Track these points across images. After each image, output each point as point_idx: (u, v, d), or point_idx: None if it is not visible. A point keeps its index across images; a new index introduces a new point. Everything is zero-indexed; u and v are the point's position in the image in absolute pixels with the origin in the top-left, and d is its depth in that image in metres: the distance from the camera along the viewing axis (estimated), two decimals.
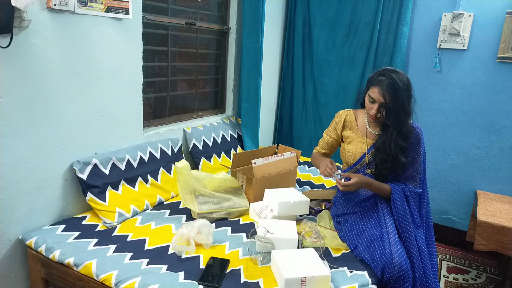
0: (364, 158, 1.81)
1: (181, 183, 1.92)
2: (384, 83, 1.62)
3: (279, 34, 3.39)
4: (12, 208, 1.62)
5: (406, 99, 1.64)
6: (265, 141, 3.44)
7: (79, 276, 1.50)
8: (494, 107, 2.77)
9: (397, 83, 1.61)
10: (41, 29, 1.59)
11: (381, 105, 1.65)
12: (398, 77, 1.62)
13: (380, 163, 1.73)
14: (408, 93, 1.64)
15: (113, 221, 1.79)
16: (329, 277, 1.38)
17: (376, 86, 1.65)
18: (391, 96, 1.62)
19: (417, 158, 1.75)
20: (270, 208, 1.88)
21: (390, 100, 1.62)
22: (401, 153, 1.69)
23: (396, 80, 1.61)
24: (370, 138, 1.82)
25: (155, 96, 2.46)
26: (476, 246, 2.38)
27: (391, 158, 1.69)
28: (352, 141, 1.87)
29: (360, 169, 1.83)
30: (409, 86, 1.65)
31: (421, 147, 1.76)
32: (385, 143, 1.71)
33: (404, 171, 1.74)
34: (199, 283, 1.37)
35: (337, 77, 3.26)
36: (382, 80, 1.64)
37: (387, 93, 1.62)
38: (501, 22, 2.65)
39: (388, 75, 1.64)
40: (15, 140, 1.58)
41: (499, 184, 2.83)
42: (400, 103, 1.63)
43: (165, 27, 2.39)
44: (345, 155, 1.88)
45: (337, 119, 1.94)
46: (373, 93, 1.67)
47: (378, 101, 1.65)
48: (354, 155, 1.84)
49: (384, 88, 1.62)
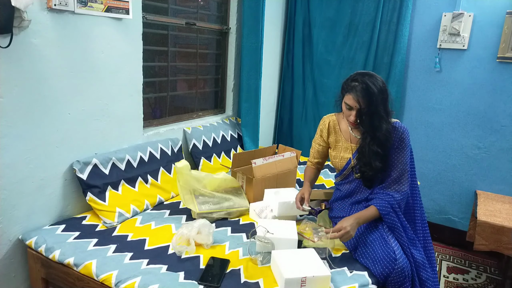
0: (350, 164, 1.79)
1: (181, 183, 1.92)
2: (357, 89, 1.57)
3: (279, 34, 3.39)
4: (12, 208, 1.62)
5: (380, 103, 1.58)
6: (265, 141, 3.44)
7: (79, 276, 1.50)
8: (494, 107, 2.77)
9: (370, 87, 1.55)
10: (41, 29, 1.59)
11: (358, 111, 1.61)
12: (371, 81, 1.57)
13: (362, 167, 1.70)
14: (382, 96, 1.58)
15: (113, 221, 1.79)
16: (329, 277, 1.38)
17: (350, 93, 1.60)
18: (366, 101, 1.57)
19: (401, 159, 1.69)
20: (270, 208, 1.88)
21: (365, 105, 1.57)
22: (374, 158, 1.64)
23: (369, 84, 1.56)
24: (354, 142, 1.79)
25: (155, 96, 2.46)
26: (476, 246, 2.38)
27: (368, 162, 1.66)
28: (336, 147, 1.85)
29: (347, 174, 1.82)
30: (383, 89, 1.59)
31: (406, 146, 1.70)
32: (363, 148, 1.68)
33: (389, 174, 1.69)
34: (199, 283, 1.37)
35: (337, 77, 3.26)
36: (355, 86, 1.58)
37: (362, 98, 1.57)
38: (501, 22, 2.65)
39: (360, 79, 1.58)
40: (15, 140, 1.58)
41: (499, 184, 2.83)
42: (374, 108, 1.57)
43: (165, 27, 2.39)
44: (333, 161, 1.86)
45: (322, 125, 1.90)
46: (348, 100, 1.62)
47: (355, 107, 1.61)
48: (341, 161, 1.82)
49: (358, 94, 1.57)
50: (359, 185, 1.79)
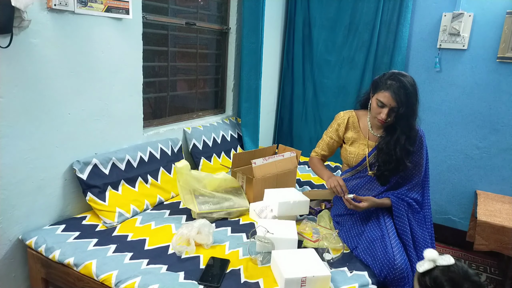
0: (365, 161, 1.80)
1: (181, 183, 1.92)
2: (395, 87, 1.60)
3: (279, 34, 3.39)
4: (12, 208, 1.62)
5: (415, 103, 1.63)
6: (265, 141, 3.44)
7: (79, 276, 1.50)
8: (494, 107, 2.77)
9: (407, 88, 1.59)
10: (41, 29, 1.59)
11: (391, 109, 1.64)
12: (407, 81, 1.61)
13: (383, 164, 1.72)
14: (416, 96, 1.64)
15: (113, 221, 1.79)
16: (329, 277, 1.38)
17: (387, 91, 1.63)
18: (403, 101, 1.60)
19: (420, 162, 1.73)
20: (270, 208, 1.88)
21: (402, 105, 1.60)
22: (406, 157, 1.67)
23: (407, 84, 1.60)
24: (372, 140, 1.81)
25: (155, 96, 2.46)
26: (476, 246, 2.38)
27: (394, 160, 1.67)
28: (354, 143, 1.86)
29: (361, 170, 1.83)
30: (417, 90, 1.64)
31: (424, 150, 1.75)
32: (389, 144, 1.69)
33: (407, 174, 1.72)
34: (199, 283, 1.38)
35: (337, 77, 3.26)
36: (392, 84, 1.61)
37: (399, 97, 1.60)
38: (501, 22, 2.65)
39: (397, 79, 1.62)
40: (15, 140, 1.58)
41: (499, 184, 2.83)
42: (411, 108, 1.62)
43: (165, 27, 2.39)
44: (347, 156, 1.88)
45: (339, 120, 1.92)
46: (383, 98, 1.64)
47: (389, 105, 1.63)
48: (356, 157, 1.83)
49: (395, 92, 1.60)
50: (369, 181, 1.79)
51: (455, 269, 1.03)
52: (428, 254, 1.07)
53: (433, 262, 1.05)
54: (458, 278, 1.00)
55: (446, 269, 1.03)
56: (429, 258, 1.06)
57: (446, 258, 1.04)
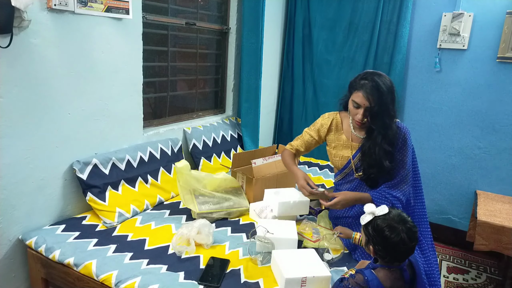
0: (350, 163, 1.78)
1: (181, 183, 1.92)
2: (367, 87, 1.57)
3: (279, 34, 3.39)
4: (12, 208, 1.62)
5: (390, 102, 1.59)
6: (265, 141, 3.44)
7: (79, 276, 1.50)
8: (494, 107, 2.77)
9: (380, 86, 1.56)
10: (41, 29, 1.59)
11: (366, 109, 1.60)
12: (381, 80, 1.57)
13: (367, 167, 1.70)
14: (392, 95, 1.59)
15: (113, 221, 1.79)
16: (329, 277, 1.38)
17: (359, 91, 1.60)
18: (376, 99, 1.57)
19: (404, 159, 1.69)
20: (270, 208, 1.88)
21: (375, 103, 1.57)
22: (385, 158, 1.64)
23: (380, 83, 1.56)
24: (356, 141, 1.78)
25: (155, 96, 2.46)
26: (476, 246, 2.38)
27: (377, 162, 1.65)
28: (337, 146, 1.83)
29: (348, 173, 1.81)
30: (392, 89, 1.60)
31: (408, 148, 1.70)
32: (370, 147, 1.66)
33: (393, 175, 1.69)
34: (199, 283, 1.38)
35: (337, 77, 3.26)
36: (365, 83, 1.58)
37: (372, 96, 1.57)
38: (501, 22, 2.65)
39: (370, 78, 1.59)
40: (15, 140, 1.58)
41: (499, 184, 2.83)
42: (385, 107, 1.58)
43: (165, 27, 2.39)
44: (333, 159, 1.86)
45: (323, 121, 1.88)
46: (357, 98, 1.61)
47: (363, 105, 1.60)
48: (341, 159, 1.81)
49: (368, 91, 1.57)
50: (359, 184, 1.78)
51: (391, 216, 1.22)
52: (367, 208, 1.25)
53: (372, 214, 1.23)
54: (394, 223, 1.19)
55: (383, 217, 1.21)
56: (368, 211, 1.24)
57: (382, 209, 1.23)
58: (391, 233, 1.18)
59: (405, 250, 1.19)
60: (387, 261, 1.23)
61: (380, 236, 1.19)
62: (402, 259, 1.24)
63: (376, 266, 1.25)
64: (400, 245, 1.18)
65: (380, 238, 1.19)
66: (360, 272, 1.23)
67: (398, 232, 1.17)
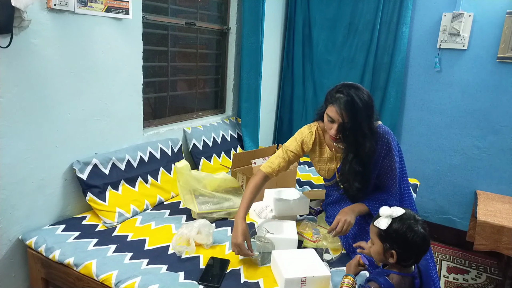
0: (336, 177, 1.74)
1: (181, 183, 1.92)
2: (341, 101, 1.46)
3: (279, 34, 3.39)
4: (12, 208, 1.62)
5: (365, 119, 1.48)
6: (265, 141, 3.44)
7: (79, 276, 1.50)
8: (494, 107, 2.77)
9: (356, 102, 1.45)
10: (41, 29, 1.59)
11: (339, 125, 1.50)
12: (357, 95, 1.46)
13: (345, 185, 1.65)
14: (368, 111, 1.48)
15: (113, 221, 1.79)
16: (329, 277, 1.38)
17: (333, 105, 1.49)
18: (349, 116, 1.46)
19: (392, 165, 1.62)
20: (270, 208, 1.88)
21: (349, 120, 1.47)
22: (354, 179, 1.57)
23: (355, 98, 1.45)
24: (339, 152, 1.71)
25: (155, 96, 2.46)
26: (476, 246, 2.38)
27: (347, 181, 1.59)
28: (321, 159, 1.77)
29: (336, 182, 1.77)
30: (369, 104, 1.49)
31: (394, 152, 1.62)
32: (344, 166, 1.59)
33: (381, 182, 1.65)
34: (199, 283, 1.37)
35: (337, 77, 3.26)
36: (340, 97, 1.47)
37: (345, 112, 1.46)
38: (501, 22, 2.65)
39: (346, 92, 1.47)
40: (15, 140, 1.58)
41: (499, 184, 2.83)
42: (358, 124, 1.47)
43: (165, 27, 2.39)
44: (320, 172, 1.82)
45: (305, 137, 1.75)
46: (331, 112, 1.51)
47: (337, 120, 1.50)
48: (328, 172, 1.77)
49: (341, 107, 1.46)
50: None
51: (406, 216, 1.18)
52: (383, 211, 1.20)
53: (390, 217, 1.19)
54: (411, 223, 1.17)
55: (400, 219, 1.18)
56: (385, 215, 1.20)
57: (397, 210, 1.20)
58: (413, 232, 1.15)
59: (426, 247, 1.19)
60: (403, 266, 1.20)
61: (403, 238, 1.16)
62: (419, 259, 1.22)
63: (389, 273, 1.20)
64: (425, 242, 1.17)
65: (403, 240, 1.16)
66: (374, 280, 1.18)
67: (418, 229, 1.16)
